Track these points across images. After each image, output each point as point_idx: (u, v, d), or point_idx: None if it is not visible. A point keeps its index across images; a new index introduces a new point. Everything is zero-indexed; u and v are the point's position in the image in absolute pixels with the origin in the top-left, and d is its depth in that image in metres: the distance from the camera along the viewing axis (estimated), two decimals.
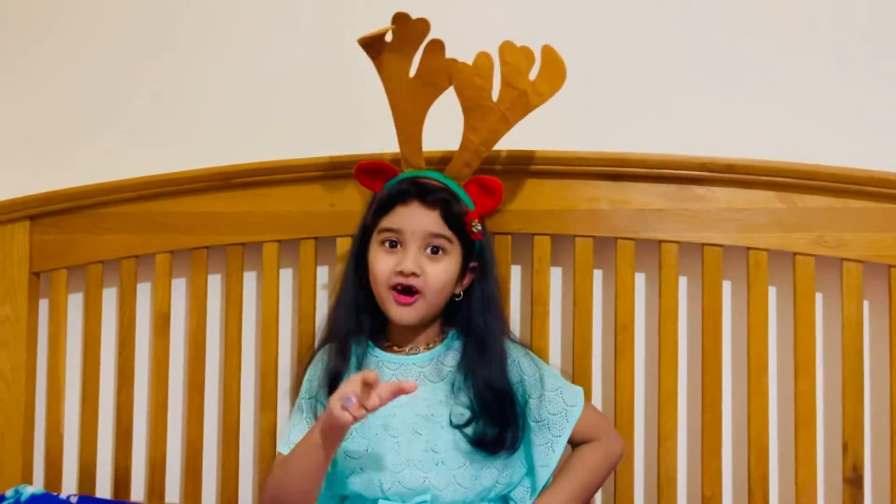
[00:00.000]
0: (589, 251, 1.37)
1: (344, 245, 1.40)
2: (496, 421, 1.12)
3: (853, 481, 1.29)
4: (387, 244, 1.15)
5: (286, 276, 1.50)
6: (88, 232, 1.50)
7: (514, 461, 1.17)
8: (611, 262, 1.38)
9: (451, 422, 1.12)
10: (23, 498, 1.37)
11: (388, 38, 1.20)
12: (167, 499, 1.49)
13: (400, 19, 1.18)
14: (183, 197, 1.47)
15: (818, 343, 1.34)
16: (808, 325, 1.31)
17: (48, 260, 1.52)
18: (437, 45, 1.20)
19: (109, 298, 1.54)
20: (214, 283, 1.51)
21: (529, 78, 1.19)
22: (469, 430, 1.12)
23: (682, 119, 1.43)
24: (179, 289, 1.53)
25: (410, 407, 1.13)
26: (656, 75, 1.45)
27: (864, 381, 1.31)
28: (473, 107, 1.21)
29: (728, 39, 1.43)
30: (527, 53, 1.18)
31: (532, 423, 1.17)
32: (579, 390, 1.22)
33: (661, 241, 1.35)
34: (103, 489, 1.52)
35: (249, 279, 1.50)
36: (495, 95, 1.21)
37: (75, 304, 1.56)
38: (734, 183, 1.32)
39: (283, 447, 1.19)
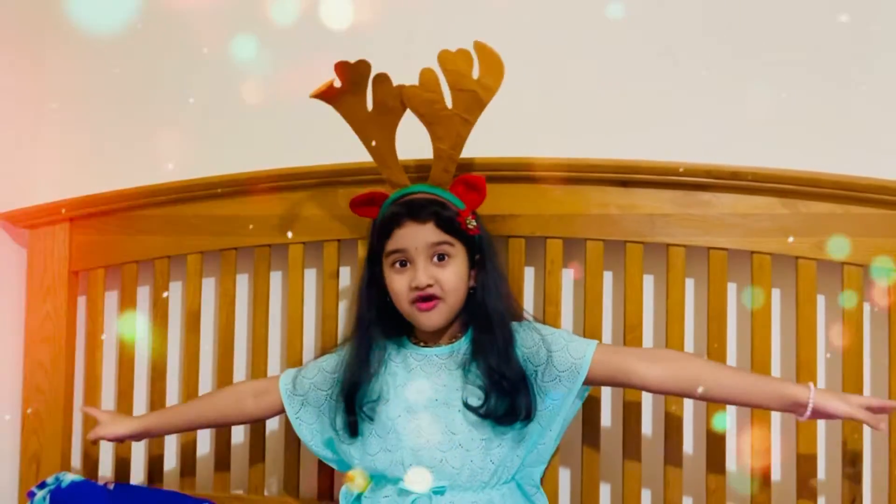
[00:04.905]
0: (599, 254, 1.41)
1: (364, 247, 1.46)
2: (507, 394, 1.18)
3: (852, 477, 1.32)
4: (397, 265, 1.22)
5: (310, 276, 1.56)
6: (124, 233, 1.57)
7: (526, 440, 1.22)
8: (620, 264, 1.41)
9: (465, 403, 1.19)
10: (63, 484, 1.42)
11: (337, 84, 1.25)
12: (198, 487, 1.56)
13: (341, 67, 1.24)
14: (213, 201, 1.53)
15: (819, 343, 1.37)
16: (810, 326, 1.35)
17: (86, 259, 1.59)
18: (383, 78, 1.25)
19: (143, 296, 1.61)
20: (242, 283, 1.57)
21: (473, 77, 1.23)
22: (482, 409, 1.18)
23: (688, 128, 1.46)
24: (209, 288, 1.59)
25: (431, 392, 1.21)
26: (663, 86, 1.48)
27: (864, 380, 1.34)
28: (433, 120, 1.26)
29: (733, 51, 1.46)
30: (464, 55, 1.22)
31: (544, 385, 1.22)
32: (587, 343, 1.24)
33: (668, 245, 1.39)
34: (137, 477, 1.59)
35: (275, 279, 1.56)
36: (449, 103, 1.25)
37: (111, 301, 1.63)
38: (739, 189, 1.36)
39: (283, 377, 1.34)
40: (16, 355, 1.62)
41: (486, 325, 1.22)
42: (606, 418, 1.45)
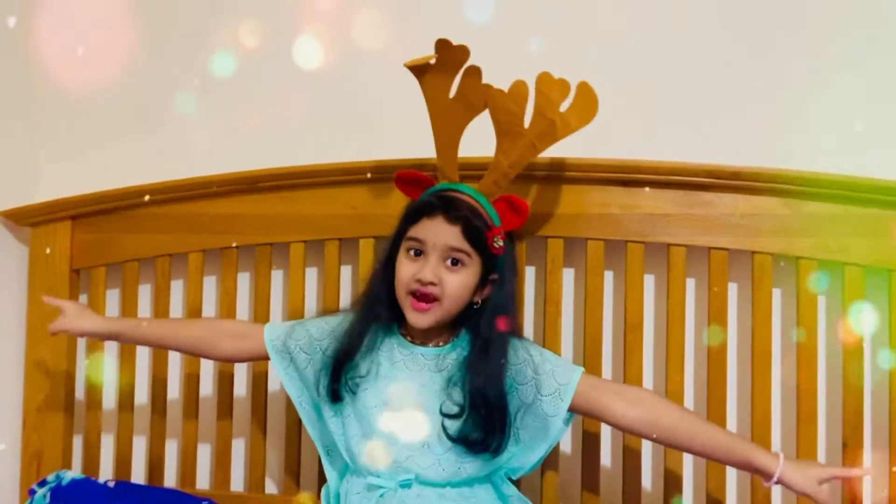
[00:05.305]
0: (600, 254, 1.41)
1: (366, 246, 1.47)
2: (482, 425, 1.17)
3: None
4: (411, 252, 1.21)
5: (311, 275, 1.56)
6: (126, 232, 1.57)
7: (503, 458, 1.22)
8: (621, 264, 1.41)
9: (441, 410, 1.19)
10: (64, 482, 1.42)
11: (432, 60, 1.24)
12: (198, 485, 1.56)
13: (442, 45, 1.23)
14: (215, 199, 1.53)
15: (820, 344, 1.37)
16: (811, 326, 1.34)
17: (88, 258, 1.59)
18: (474, 71, 1.24)
19: (145, 295, 1.61)
20: (244, 281, 1.57)
21: (560, 109, 1.22)
22: (455, 426, 1.18)
23: (690, 128, 1.46)
24: (210, 286, 1.59)
25: (409, 390, 1.21)
26: (666, 87, 1.48)
27: (865, 380, 1.34)
28: (506, 131, 1.25)
29: (734, 52, 1.46)
30: (562, 86, 1.21)
31: (527, 407, 1.22)
32: (573, 369, 1.23)
33: (669, 245, 1.39)
34: (138, 476, 1.59)
35: (277, 277, 1.56)
36: (528, 123, 1.24)
37: (113, 299, 1.63)
38: (740, 189, 1.36)
39: (269, 330, 1.33)
40: (17, 354, 1.62)
41: (485, 346, 1.21)
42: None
